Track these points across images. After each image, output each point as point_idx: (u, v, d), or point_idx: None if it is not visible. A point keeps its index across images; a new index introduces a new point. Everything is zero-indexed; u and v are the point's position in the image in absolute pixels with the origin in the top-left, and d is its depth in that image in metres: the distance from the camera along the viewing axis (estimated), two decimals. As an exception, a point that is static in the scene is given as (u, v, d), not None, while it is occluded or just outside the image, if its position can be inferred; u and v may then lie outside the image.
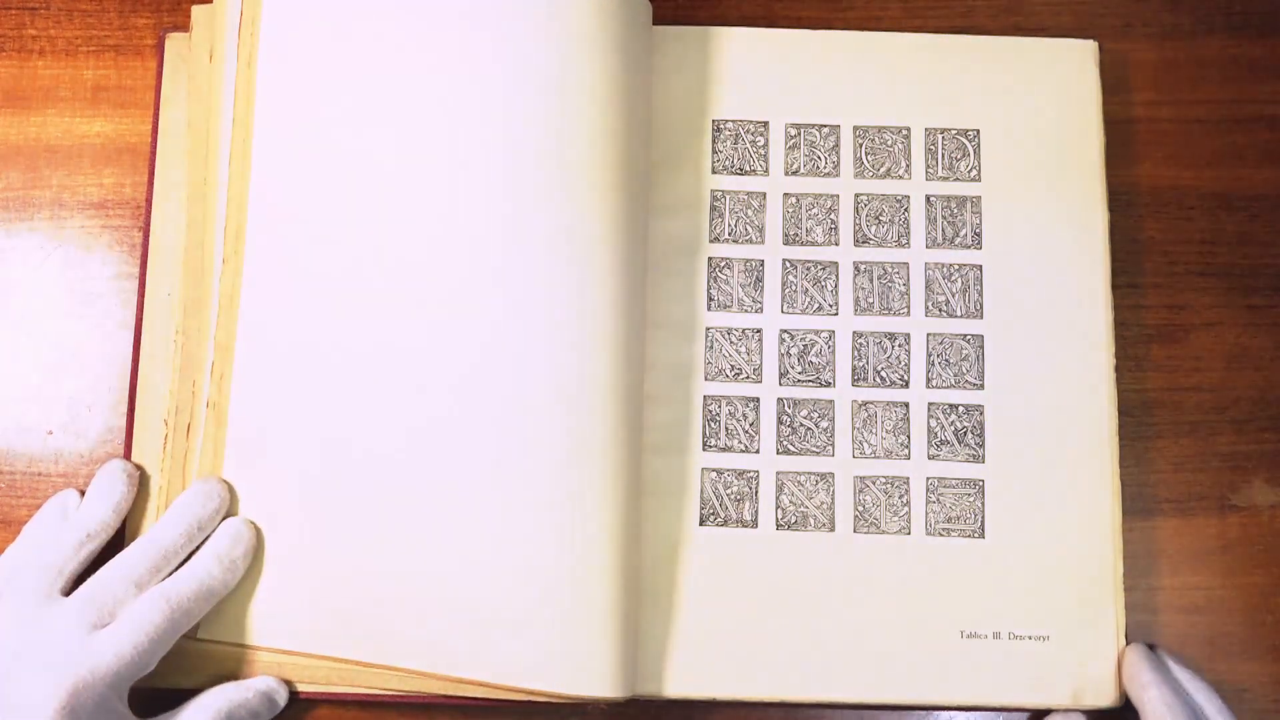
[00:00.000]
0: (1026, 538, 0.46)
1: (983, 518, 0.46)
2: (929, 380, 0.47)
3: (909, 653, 0.45)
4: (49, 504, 0.45)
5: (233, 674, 0.44)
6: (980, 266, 0.48)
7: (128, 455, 0.46)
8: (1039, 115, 0.49)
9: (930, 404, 0.47)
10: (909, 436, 0.47)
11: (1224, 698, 0.43)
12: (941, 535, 0.46)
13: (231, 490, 0.44)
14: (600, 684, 0.42)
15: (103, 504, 0.44)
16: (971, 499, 0.46)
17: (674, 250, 0.48)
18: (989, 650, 0.45)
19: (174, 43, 0.49)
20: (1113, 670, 0.45)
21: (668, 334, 0.47)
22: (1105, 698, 0.45)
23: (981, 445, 0.47)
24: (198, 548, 0.43)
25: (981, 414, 0.47)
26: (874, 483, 0.47)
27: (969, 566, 0.46)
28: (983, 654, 0.45)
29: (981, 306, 0.48)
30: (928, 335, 0.48)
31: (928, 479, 0.46)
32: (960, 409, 0.47)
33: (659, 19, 0.49)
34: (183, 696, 0.43)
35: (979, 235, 0.48)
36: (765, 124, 0.49)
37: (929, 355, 0.48)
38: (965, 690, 0.45)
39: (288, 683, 0.44)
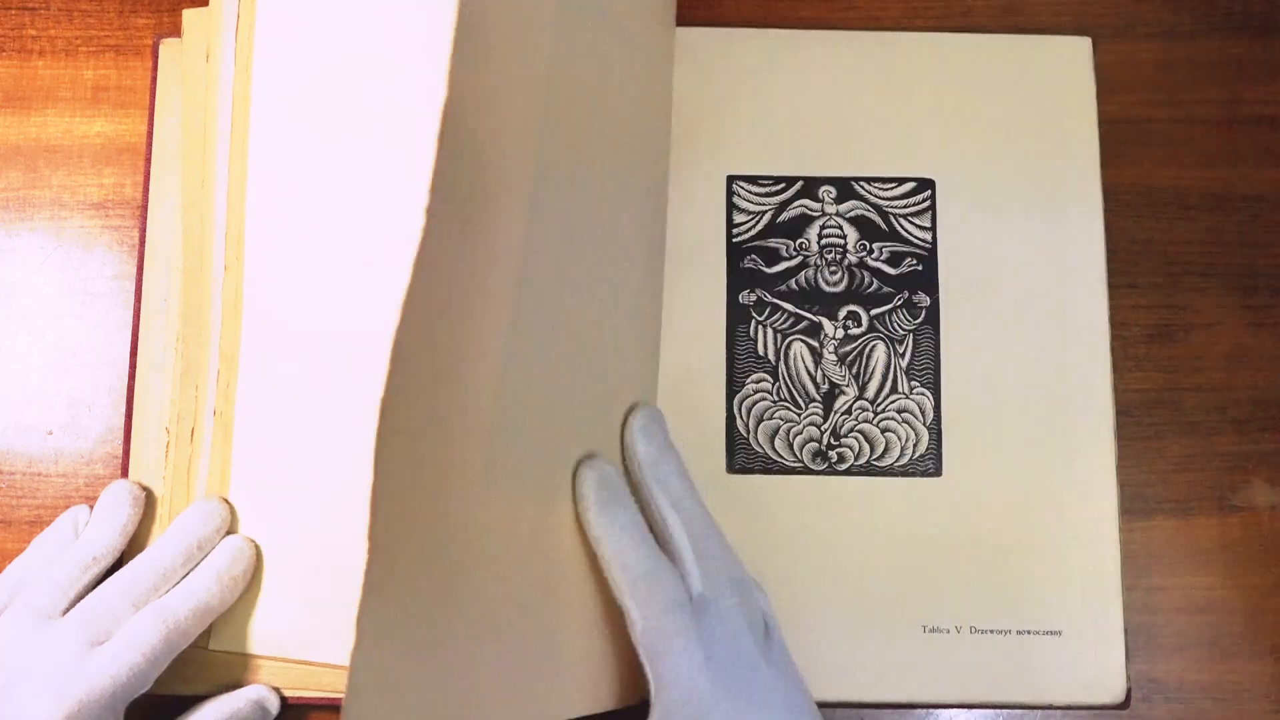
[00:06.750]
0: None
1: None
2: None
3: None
4: (61, 520, 0.44)
5: (237, 682, 0.43)
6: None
7: (126, 460, 0.46)
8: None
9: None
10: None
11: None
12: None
13: (232, 509, 0.44)
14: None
15: (109, 528, 0.44)
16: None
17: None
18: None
19: (168, 49, 0.49)
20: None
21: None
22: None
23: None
24: (197, 564, 0.43)
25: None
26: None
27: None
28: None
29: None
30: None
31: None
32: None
33: (659, 19, 0.49)
34: (180, 703, 0.43)
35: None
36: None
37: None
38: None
39: (278, 690, 0.44)
